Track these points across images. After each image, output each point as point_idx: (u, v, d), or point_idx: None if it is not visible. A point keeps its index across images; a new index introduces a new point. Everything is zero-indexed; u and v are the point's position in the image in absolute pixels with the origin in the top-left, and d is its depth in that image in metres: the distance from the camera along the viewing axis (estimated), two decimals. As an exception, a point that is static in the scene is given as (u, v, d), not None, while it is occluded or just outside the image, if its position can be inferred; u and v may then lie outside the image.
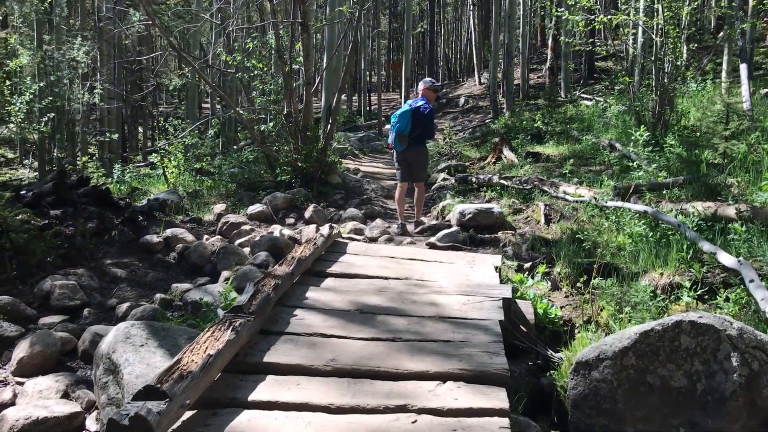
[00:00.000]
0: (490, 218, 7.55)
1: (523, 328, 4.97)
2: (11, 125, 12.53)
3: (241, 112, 9.67)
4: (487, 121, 19.93)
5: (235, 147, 12.33)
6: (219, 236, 9.03)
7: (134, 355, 4.30)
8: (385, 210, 10.16)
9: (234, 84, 13.18)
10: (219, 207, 10.07)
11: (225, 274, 7.06)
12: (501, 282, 5.33)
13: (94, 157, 16.13)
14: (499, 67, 19.51)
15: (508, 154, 11.49)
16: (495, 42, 19.12)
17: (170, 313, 6.09)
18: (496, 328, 3.97)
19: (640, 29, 13.00)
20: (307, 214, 9.57)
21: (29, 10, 14.43)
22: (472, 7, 31.15)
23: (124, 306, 6.18)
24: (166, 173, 11.93)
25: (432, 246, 7.26)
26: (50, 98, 12.57)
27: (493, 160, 11.65)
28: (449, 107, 27.51)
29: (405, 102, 8.63)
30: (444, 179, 11.29)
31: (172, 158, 11.80)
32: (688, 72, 11.62)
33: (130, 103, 17.25)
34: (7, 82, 12.57)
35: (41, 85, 12.61)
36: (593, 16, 10.90)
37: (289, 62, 10.36)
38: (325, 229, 5.79)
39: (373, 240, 8.10)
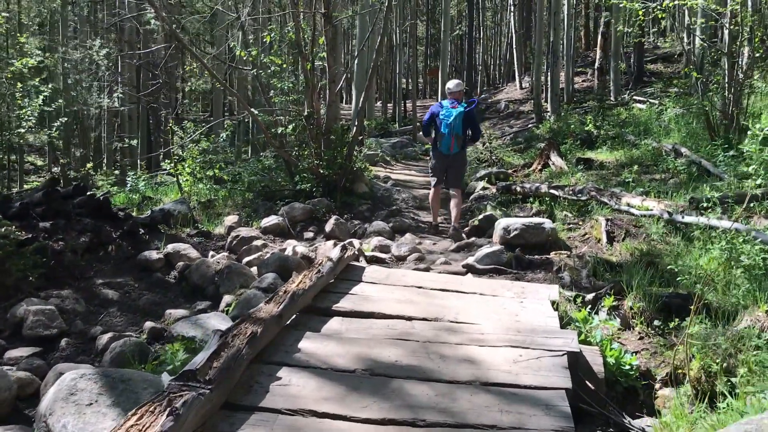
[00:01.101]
0: (541, 235, 6.30)
1: (589, 384, 3.73)
2: (21, 130, 11.70)
3: (256, 112, 8.61)
4: (530, 126, 18.59)
5: (261, 154, 11.32)
6: (227, 252, 8.00)
7: (76, 419, 3.27)
8: (416, 223, 8.97)
9: (256, 83, 12.26)
10: (231, 219, 9.03)
11: (227, 298, 5.99)
12: (561, 323, 4.09)
13: (115, 164, 15.32)
14: (543, 69, 18.21)
15: (556, 160, 10.20)
16: (538, 41, 17.81)
17: (158, 346, 5.07)
18: (562, 404, 2.74)
19: (699, 18, 11.57)
20: (328, 227, 8.46)
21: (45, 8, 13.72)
22: (512, 8, 29.81)
23: (106, 337, 5.17)
24: (180, 181, 10.96)
25: (470, 269, 6.05)
26: (60, 101, 11.75)
27: (539, 167, 10.37)
28: (489, 113, 26.21)
29: (439, 102, 8.34)
30: (484, 188, 10.06)
31: (186, 165, 10.82)
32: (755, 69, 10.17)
33: (155, 107, 16.49)
34: (19, 85, 11.74)
35: (51, 87, 11.81)
36: (654, 3, 9.56)
37: (310, 58, 9.28)
38: (334, 251, 4.62)
39: (401, 259, 6.93)
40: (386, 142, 17.14)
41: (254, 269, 6.77)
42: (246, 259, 7.37)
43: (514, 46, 29.11)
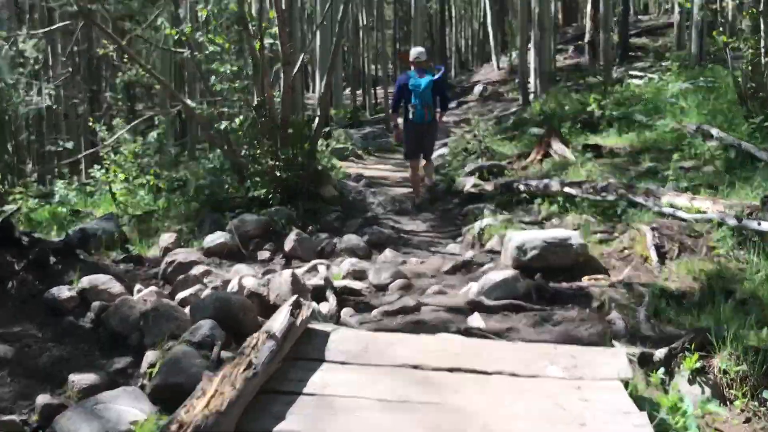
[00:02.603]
0: (567, 255, 4.68)
1: None
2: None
3: (191, 104, 6.88)
4: (514, 108, 17.00)
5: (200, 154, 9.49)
6: (161, 282, 6.41)
7: None
8: (397, 233, 7.31)
9: (194, 71, 10.46)
10: (167, 237, 7.31)
11: (150, 356, 4.28)
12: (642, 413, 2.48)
13: (46, 171, 13.41)
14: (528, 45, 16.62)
15: (558, 148, 8.61)
16: (522, 13, 16.20)
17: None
18: None
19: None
20: (288, 245, 6.79)
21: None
22: (486, -17, 28.16)
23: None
24: (113, 190, 9.16)
25: (475, 306, 4.41)
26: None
27: (538, 157, 8.77)
28: (464, 95, 24.55)
29: (404, 73, 8.64)
30: (475, 185, 8.42)
31: (118, 170, 9.04)
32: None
33: (76, 102, 14.53)
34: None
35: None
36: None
37: (259, 35, 7.55)
38: (280, 316, 2.92)
39: (381, 288, 5.28)
40: (357, 133, 15.44)
41: (189, 309, 5.09)
42: (181, 295, 5.69)
43: (489, 25, 27.49)
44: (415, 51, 8.22)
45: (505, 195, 7.25)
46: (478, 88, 23.69)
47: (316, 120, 8.10)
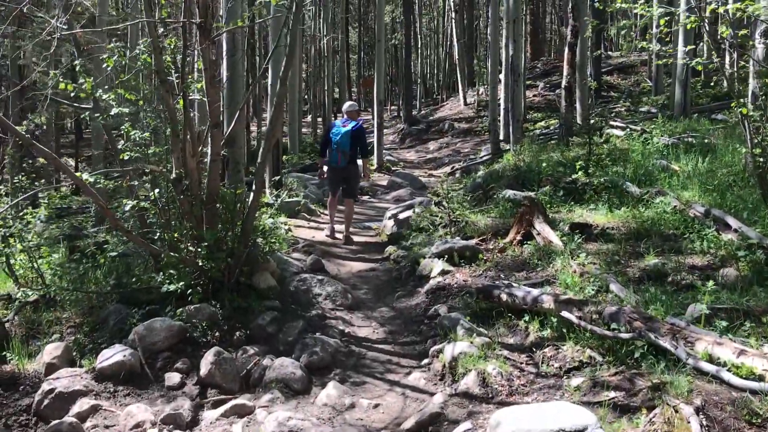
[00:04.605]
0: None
1: None
2: None
3: (86, 177, 5.31)
4: (484, 154, 15.72)
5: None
6: (34, 419, 4.90)
7: None
8: (347, 345, 5.81)
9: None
10: (52, 349, 5.74)
11: None
12: None
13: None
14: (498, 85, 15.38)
15: (542, 229, 7.24)
16: (494, 53, 14.95)
17: None
18: None
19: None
20: (204, 367, 5.28)
21: None
22: (453, 14, 27.03)
23: None
24: (10, 262, 7.43)
25: None
26: None
27: (518, 237, 7.40)
28: (430, 133, 23.26)
29: (334, 124, 9.49)
30: (444, 272, 6.99)
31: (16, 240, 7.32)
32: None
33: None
34: None
35: None
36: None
37: (181, 88, 6.05)
38: None
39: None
40: (312, 179, 13.91)
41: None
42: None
43: (456, 57, 26.38)
44: (347, 105, 9.64)
45: (484, 299, 5.81)
46: (445, 126, 22.47)
47: (253, 192, 6.57)
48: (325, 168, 9.42)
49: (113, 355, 5.37)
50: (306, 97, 37.55)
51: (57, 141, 20.17)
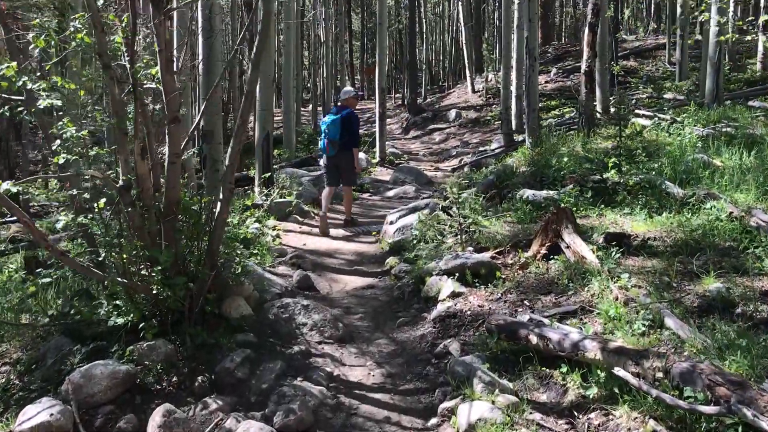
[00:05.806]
0: None
1: None
2: None
3: (7, 187, 4.14)
4: (495, 146, 14.48)
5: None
6: None
7: None
8: (334, 395, 4.66)
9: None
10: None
11: None
12: None
13: None
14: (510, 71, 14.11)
15: (572, 241, 6.05)
16: (506, 35, 13.70)
17: None
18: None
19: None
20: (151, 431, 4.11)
21: None
22: (459, -4, 25.65)
23: None
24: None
25: None
26: None
27: (543, 251, 6.21)
28: (436, 122, 22.00)
29: (330, 112, 9.28)
30: (455, 294, 5.82)
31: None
32: None
33: None
34: None
35: None
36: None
37: (130, 76, 4.87)
38: None
39: None
40: (307, 174, 12.71)
41: None
42: None
43: (462, 42, 25.06)
44: (343, 91, 9.47)
45: (507, 340, 4.63)
46: (452, 114, 21.20)
47: (221, 200, 5.39)
48: (323, 160, 9.39)
49: (38, 413, 4.23)
50: (308, 85, 36.30)
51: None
